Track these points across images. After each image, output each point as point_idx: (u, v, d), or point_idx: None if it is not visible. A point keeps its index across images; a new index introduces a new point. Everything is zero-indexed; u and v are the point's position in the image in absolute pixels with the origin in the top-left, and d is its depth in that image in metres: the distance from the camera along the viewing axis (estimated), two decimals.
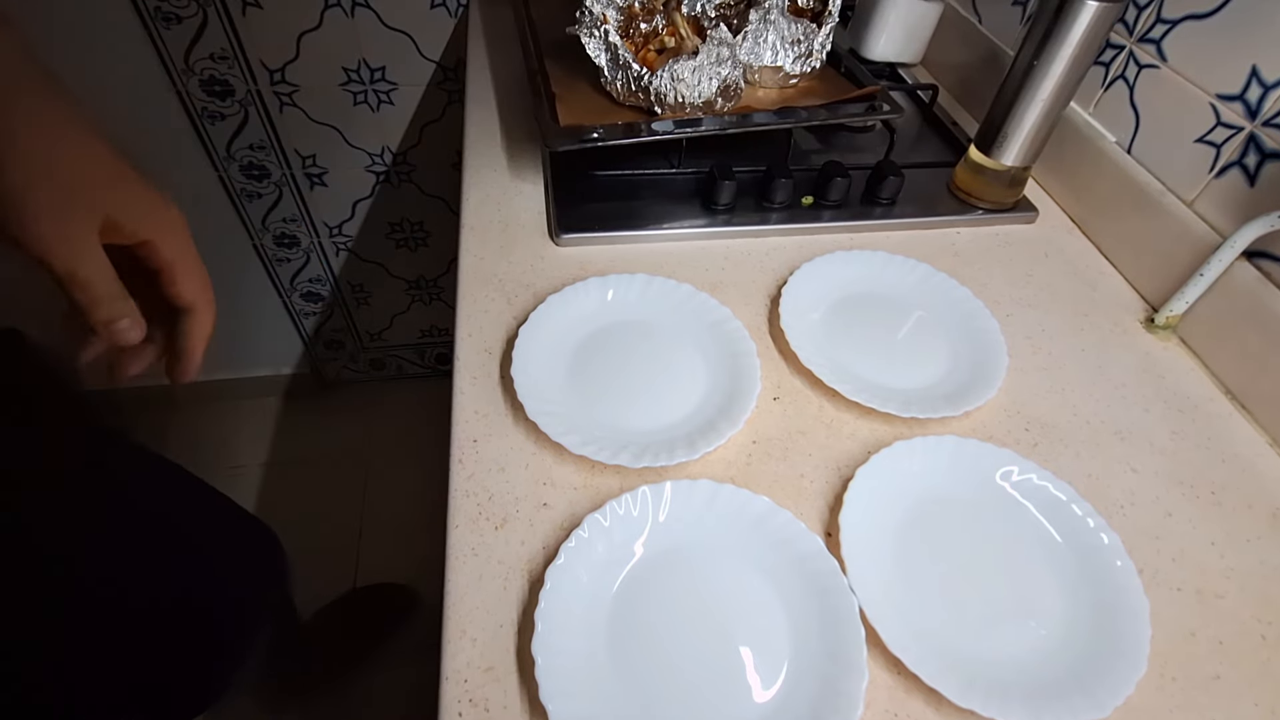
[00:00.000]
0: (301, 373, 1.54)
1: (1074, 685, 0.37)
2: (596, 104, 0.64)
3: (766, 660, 0.38)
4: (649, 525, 0.42)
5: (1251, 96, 0.53)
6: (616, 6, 0.66)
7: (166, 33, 0.93)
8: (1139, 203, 0.62)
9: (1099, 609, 0.41)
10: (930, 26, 0.86)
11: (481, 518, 0.43)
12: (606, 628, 0.39)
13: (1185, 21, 0.58)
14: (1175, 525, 0.46)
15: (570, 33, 0.62)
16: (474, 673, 0.37)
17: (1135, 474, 0.49)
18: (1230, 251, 0.53)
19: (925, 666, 0.37)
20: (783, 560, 0.41)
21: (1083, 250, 0.67)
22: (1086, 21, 0.55)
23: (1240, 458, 0.51)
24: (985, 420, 0.51)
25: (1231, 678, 0.40)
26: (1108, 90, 0.66)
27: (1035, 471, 0.46)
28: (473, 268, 0.59)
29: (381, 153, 1.14)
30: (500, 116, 0.75)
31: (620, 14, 0.66)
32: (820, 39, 0.67)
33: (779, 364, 0.54)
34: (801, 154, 0.73)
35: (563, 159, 0.66)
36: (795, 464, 0.48)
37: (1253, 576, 0.44)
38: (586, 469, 0.46)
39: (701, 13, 0.66)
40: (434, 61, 1.02)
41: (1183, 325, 0.59)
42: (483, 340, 0.53)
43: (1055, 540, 0.44)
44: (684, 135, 0.62)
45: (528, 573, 0.41)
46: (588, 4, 0.63)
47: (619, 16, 0.66)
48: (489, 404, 0.49)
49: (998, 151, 0.65)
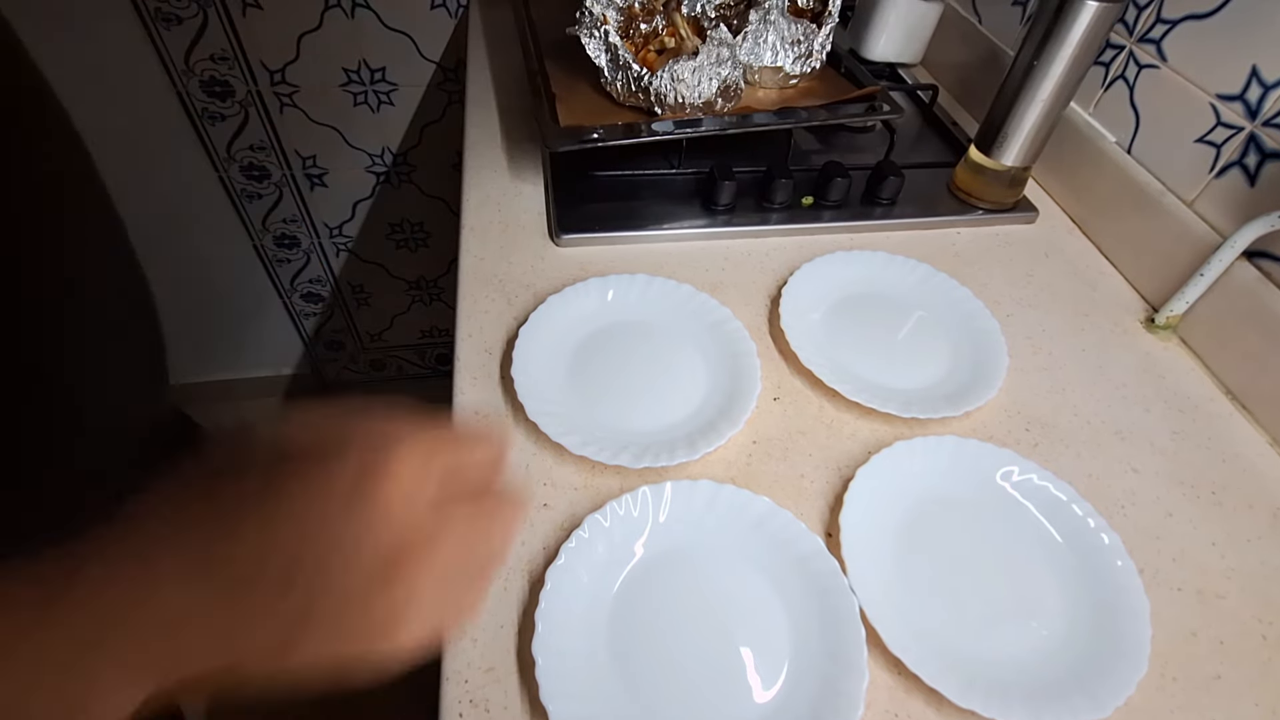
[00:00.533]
0: (302, 373, 1.54)
1: (1075, 685, 0.37)
2: (597, 104, 0.64)
3: (767, 661, 0.38)
4: (649, 526, 0.42)
5: (1251, 96, 0.53)
6: (616, 7, 0.66)
7: (166, 33, 0.93)
8: (1139, 203, 0.62)
9: (1099, 609, 0.41)
10: (930, 27, 0.86)
11: None
12: (607, 628, 0.39)
13: (1185, 21, 0.58)
14: (1176, 525, 0.46)
15: (570, 33, 0.62)
16: (475, 673, 0.37)
17: (1136, 474, 0.49)
18: (1230, 251, 0.53)
19: (926, 667, 0.37)
20: (783, 560, 0.41)
21: (1083, 250, 0.67)
22: (1086, 21, 0.55)
23: (1241, 458, 0.51)
24: (986, 420, 0.51)
25: (1232, 678, 0.40)
26: (1108, 90, 0.66)
27: (1036, 472, 0.46)
28: (473, 268, 0.59)
29: (382, 153, 1.14)
30: (500, 117, 0.76)
31: (620, 14, 0.66)
32: (820, 39, 0.67)
33: (779, 364, 0.54)
34: (802, 154, 0.73)
35: (563, 159, 0.66)
36: (795, 464, 0.48)
37: (1254, 577, 0.44)
38: (587, 469, 0.46)
39: (701, 13, 0.66)
40: (434, 62, 1.02)
41: (1183, 325, 0.59)
42: (483, 341, 0.53)
43: (1056, 540, 0.44)
44: (684, 135, 0.62)
45: (528, 573, 0.41)
46: (588, 4, 0.63)
47: (619, 17, 0.66)
48: (489, 404, 0.49)
49: (998, 152, 0.65)
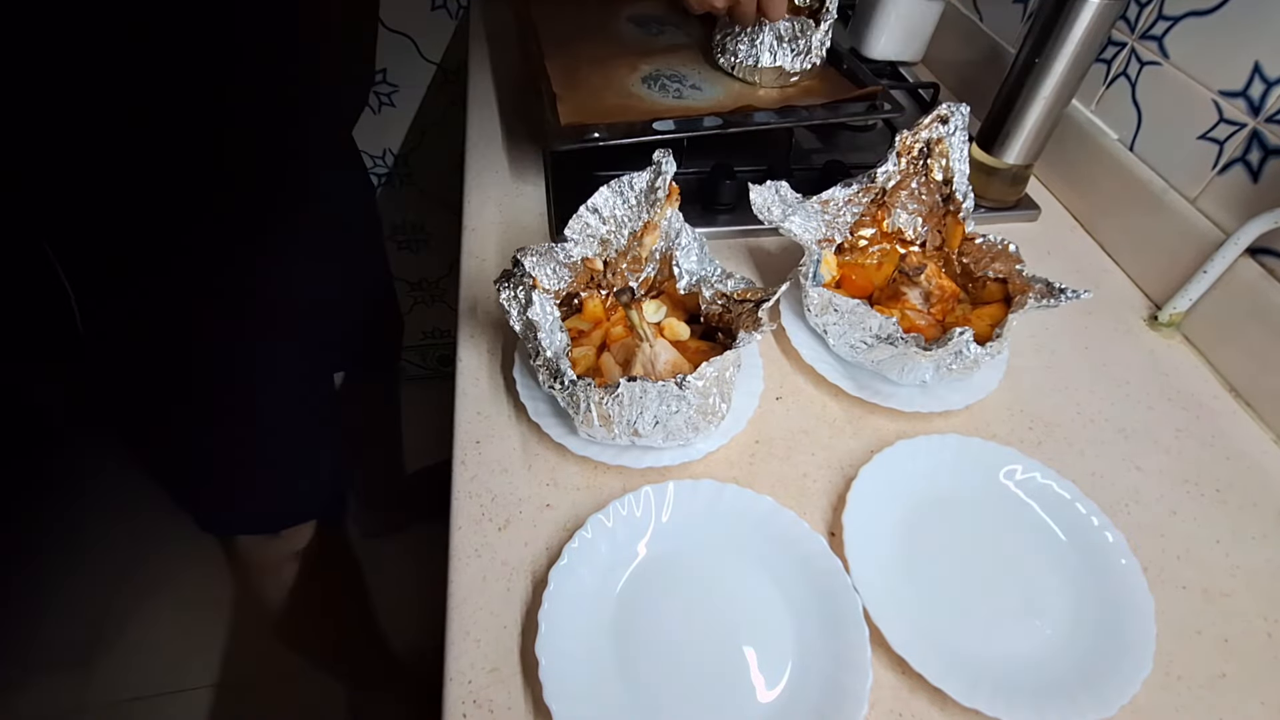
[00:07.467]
0: None
1: (1079, 684, 0.37)
2: (598, 105, 0.64)
3: (770, 660, 0.38)
4: (652, 525, 0.42)
5: (1254, 93, 0.53)
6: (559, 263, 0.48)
7: None
8: (1142, 200, 0.62)
9: (1104, 608, 0.41)
10: (931, 25, 0.85)
11: (484, 519, 0.43)
12: (610, 628, 0.39)
13: (1187, 18, 0.58)
14: (1180, 523, 0.46)
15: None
16: (478, 674, 0.37)
17: (1139, 472, 0.49)
18: (1234, 248, 0.53)
19: (930, 666, 0.37)
20: (786, 560, 0.41)
21: (1085, 248, 0.67)
22: (1088, 18, 0.55)
23: (1245, 455, 0.51)
24: (988, 418, 0.51)
25: (1238, 676, 0.40)
26: (1110, 87, 0.66)
27: (1039, 470, 0.46)
28: (475, 270, 0.59)
29: (383, 155, 1.14)
30: (501, 118, 0.76)
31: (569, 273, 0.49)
32: (819, 35, 0.66)
33: (781, 363, 0.54)
34: (803, 154, 0.73)
35: (564, 160, 0.66)
36: (798, 463, 0.48)
37: (1259, 574, 0.44)
38: (589, 469, 0.46)
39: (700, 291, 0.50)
40: (435, 63, 1.03)
41: (1186, 323, 0.59)
42: (485, 342, 0.53)
43: (1059, 539, 0.44)
44: (685, 135, 0.62)
45: (531, 574, 0.41)
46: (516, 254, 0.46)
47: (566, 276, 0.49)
48: (491, 405, 0.49)
49: (1000, 150, 0.64)
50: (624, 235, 0.50)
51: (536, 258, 0.46)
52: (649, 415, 0.42)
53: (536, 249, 0.46)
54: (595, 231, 0.49)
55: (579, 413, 0.43)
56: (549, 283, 0.47)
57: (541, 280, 0.46)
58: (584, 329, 0.50)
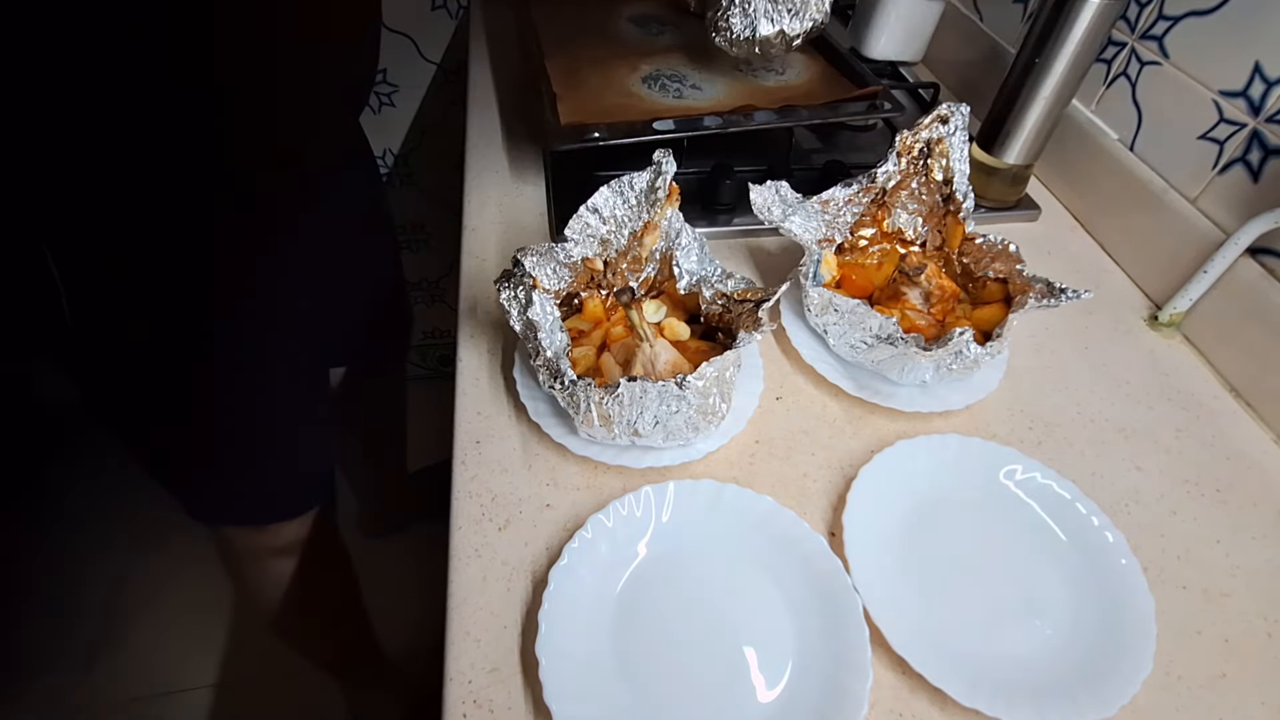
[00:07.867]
0: None
1: (1080, 684, 0.37)
2: (598, 104, 0.64)
3: (771, 660, 0.38)
4: (652, 525, 0.42)
5: (1254, 93, 0.53)
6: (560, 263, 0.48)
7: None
8: (1142, 200, 0.62)
9: (1104, 608, 0.41)
10: (931, 25, 0.85)
11: (484, 518, 0.43)
12: (610, 628, 0.39)
13: (1187, 18, 0.58)
14: (1180, 523, 0.46)
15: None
16: (478, 674, 0.37)
17: (1140, 472, 0.49)
18: (1234, 248, 0.53)
19: (930, 666, 0.37)
20: (786, 560, 0.41)
21: (1086, 248, 0.67)
22: (1088, 18, 0.55)
23: (1245, 455, 0.51)
24: (988, 418, 0.51)
25: (1238, 676, 0.40)
26: (1110, 87, 0.66)
27: (1039, 470, 0.46)
28: (475, 270, 0.59)
29: (383, 155, 1.14)
30: (501, 118, 0.76)
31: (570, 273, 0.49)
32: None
33: (781, 363, 0.54)
34: (803, 153, 0.73)
35: (564, 160, 0.66)
36: (798, 463, 0.48)
37: (1259, 574, 0.44)
38: (589, 469, 0.46)
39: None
40: (435, 63, 1.03)
41: (1187, 323, 0.59)
42: (485, 342, 0.53)
43: (1060, 539, 0.44)
44: (685, 135, 0.62)
45: (531, 573, 0.41)
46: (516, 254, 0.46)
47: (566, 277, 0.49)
48: (491, 405, 0.49)
49: (1000, 149, 0.64)
50: (624, 235, 0.50)
51: (536, 258, 0.46)
52: (649, 415, 0.42)
53: (536, 249, 0.46)
54: (595, 231, 0.49)
55: (579, 413, 0.43)
56: (549, 283, 0.47)
57: (542, 280, 0.46)
58: (584, 329, 0.50)
